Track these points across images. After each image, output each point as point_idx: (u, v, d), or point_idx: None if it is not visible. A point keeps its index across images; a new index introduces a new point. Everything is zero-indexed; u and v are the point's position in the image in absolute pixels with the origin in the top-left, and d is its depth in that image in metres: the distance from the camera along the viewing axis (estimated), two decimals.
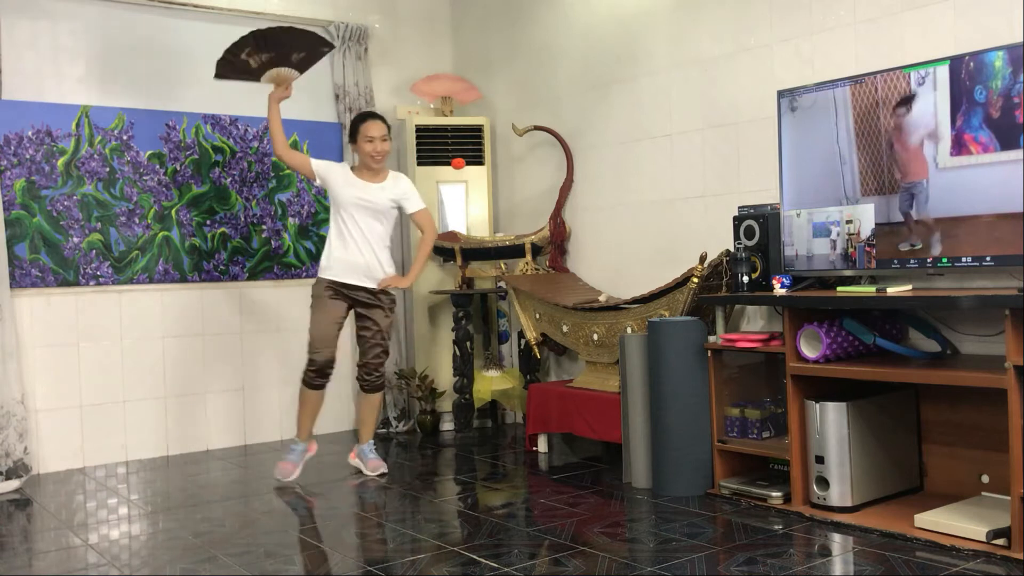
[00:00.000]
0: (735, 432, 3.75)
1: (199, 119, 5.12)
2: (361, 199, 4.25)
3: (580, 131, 5.12)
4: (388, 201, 4.30)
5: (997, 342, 3.22)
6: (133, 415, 4.90)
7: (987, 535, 2.88)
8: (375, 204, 4.26)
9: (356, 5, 5.62)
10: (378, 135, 4.27)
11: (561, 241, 5.19)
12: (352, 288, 4.26)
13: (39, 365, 4.64)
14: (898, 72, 3.32)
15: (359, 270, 4.25)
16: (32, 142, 4.65)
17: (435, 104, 5.73)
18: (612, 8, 4.89)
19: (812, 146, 3.61)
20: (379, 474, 4.32)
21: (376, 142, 4.27)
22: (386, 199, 4.29)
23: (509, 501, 3.92)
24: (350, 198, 4.25)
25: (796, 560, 2.88)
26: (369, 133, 4.27)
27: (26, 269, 4.61)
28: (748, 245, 3.79)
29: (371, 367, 4.32)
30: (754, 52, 4.16)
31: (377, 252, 4.27)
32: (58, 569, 3.12)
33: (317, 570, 3.04)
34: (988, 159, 3.08)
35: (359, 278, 4.25)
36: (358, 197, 4.25)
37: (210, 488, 4.22)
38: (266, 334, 5.30)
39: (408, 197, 4.35)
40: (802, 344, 3.42)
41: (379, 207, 4.27)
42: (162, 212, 5.00)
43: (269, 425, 5.29)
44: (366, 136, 4.28)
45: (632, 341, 3.93)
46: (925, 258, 3.26)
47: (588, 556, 2.99)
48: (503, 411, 5.62)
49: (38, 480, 4.49)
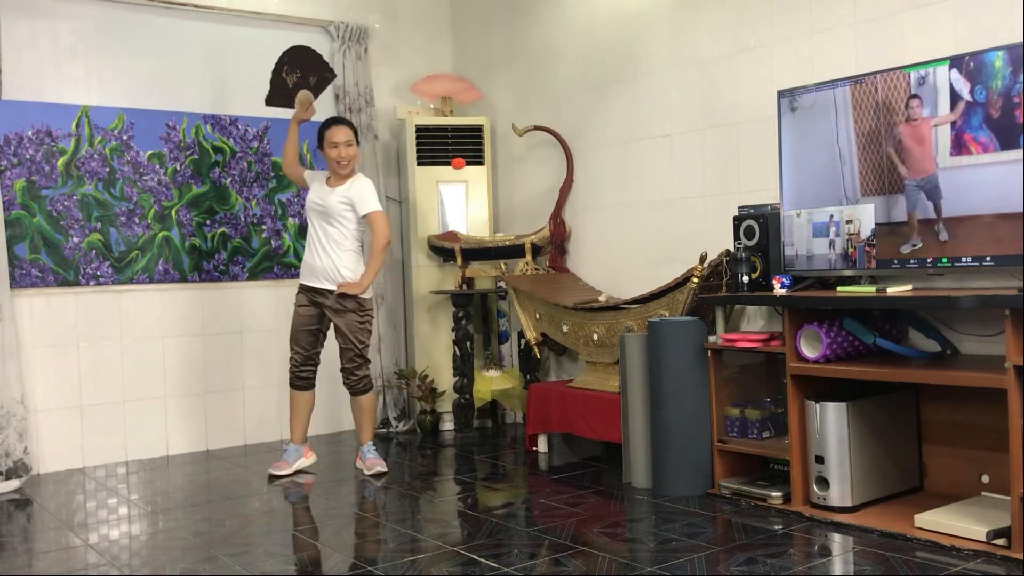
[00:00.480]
0: (735, 432, 3.75)
1: (199, 119, 5.12)
2: (313, 203, 4.38)
3: (580, 131, 5.12)
4: (338, 204, 4.31)
5: (997, 342, 3.22)
6: (133, 415, 4.90)
7: (987, 535, 2.88)
8: (324, 206, 4.33)
9: (356, 5, 5.62)
10: (342, 140, 4.33)
11: (561, 241, 5.19)
12: (317, 292, 4.35)
13: (39, 365, 4.64)
14: (898, 72, 3.32)
15: (316, 273, 4.35)
16: (32, 142, 4.65)
17: (435, 104, 5.73)
18: (612, 8, 4.89)
19: (812, 146, 3.61)
20: (374, 473, 4.32)
21: (340, 147, 4.33)
22: (335, 201, 4.31)
23: (509, 501, 3.92)
24: (308, 203, 4.42)
25: (796, 560, 2.88)
26: (333, 139, 4.34)
27: (26, 269, 4.61)
28: (748, 245, 3.79)
29: (347, 372, 4.39)
30: (754, 52, 4.16)
31: (332, 256, 4.31)
32: (58, 569, 3.12)
33: (316, 570, 3.04)
34: (988, 159, 3.08)
35: (318, 281, 4.34)
36: (312, 201, 4.39)
37: (210, 488, 4.22)
38: (266, 334, 5.30)
39: (361, 199, 4.32)
40: (802, 344, 3.42)
41: (329, 209, 4.32)
42: (162, 212, 5.00)
43: (269, 425, 5.29)
44: (331, 142, 4.35)
45: (632, 341, 3.93)
46: (925, 258, 3.26)
47: (588, 556, 2.99)
48: (503, 411, 5.62)
49: (38, 480, 4.49)
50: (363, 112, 5.47)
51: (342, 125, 4.38)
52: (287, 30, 5.40)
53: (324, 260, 4.32)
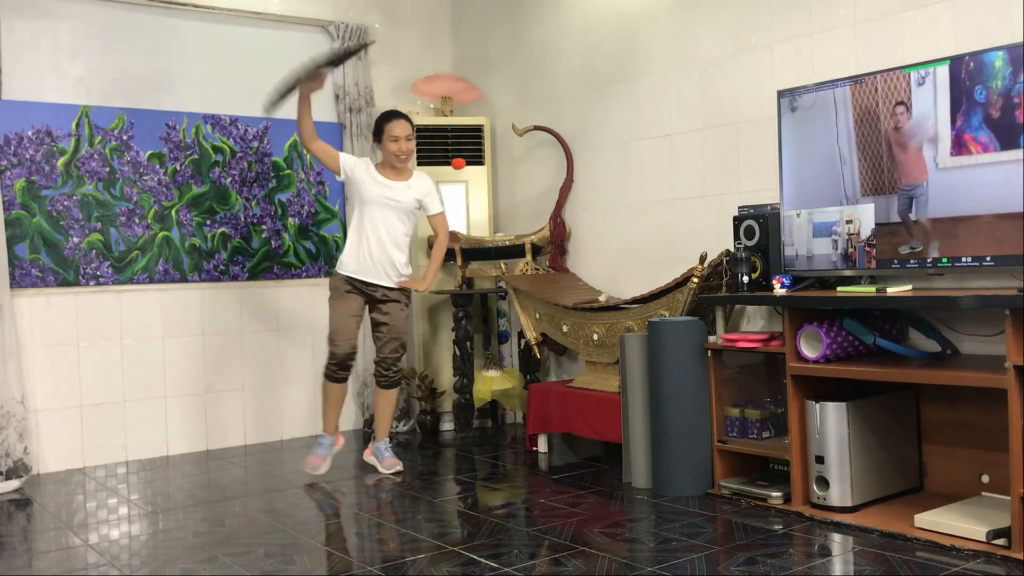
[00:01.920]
0: (735, 432, 3.75)
1: (199, 119, 5.12)
2: (388, 197, 4.26)
3: (580, 131, 5.12)
4: (412, 200, 4.32)
5: (997, 342, 3.22)
6: (133, 415, 4.90)
7: (987, 535, 2.88)
8: (401, 203, 4.28)
9: (356, 5, 5.62)
10: (403, 134, 4.29)
11: (561, 241, 5.19)
12: (367, 285, 4.28)
13: (39, 365, 4.64)
14: (898, 72, 3.32)
15: (374, 269, 4.25)
16: (32, 142, 4.65)
17: (435, 104, 5.73)
18: (612, 8, 4.89)
19: (812, 146, 3.61)
20: (394, 472, 4.32)
21: (401, 142, 4.28)
22: (411, 198, 4.31)
23: (509, 501, 3.92)
24: (376, 196, 4.26)
25: (796, 560, 2.88)
26: (394, 132, 4.29)
27: (26, 269, 4.61)
28: (748, 245, 3.79)
29: (388, 362, 4.33)
30: (754, 52, 4.16)
31: (392, 252, 4.26)
32: (58, 569, 3.12)
33: (317, 570, 3.04)
34: (988, 159, 3.08)
35: (374, 276, 4.26)
36: (385, 196, 4.27)
37: (210, 488, 4.22)
38: (266, 334, 5.30)
39: (431, 197, 4.37)
40: (802, 344, 3.42)
41: (404, 206, 4.29)
42: (162, 212, 5.00)
43: (269, 425, 5.29)
44: (391, 135, 4.29)
45: (632, 341, 3.93)
46: (925, 258, 3.26)
47: (588, 556, 2.99)
48: (503, 411, 5.62)
49: (38, 480, 4.49)
50: (363, 112, 5.47)
51: (402, 119, 4.32)
52: (287, 30, 5.41)
53: (384, 256, 4.23)
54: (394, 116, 4.35)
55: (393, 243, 4.27)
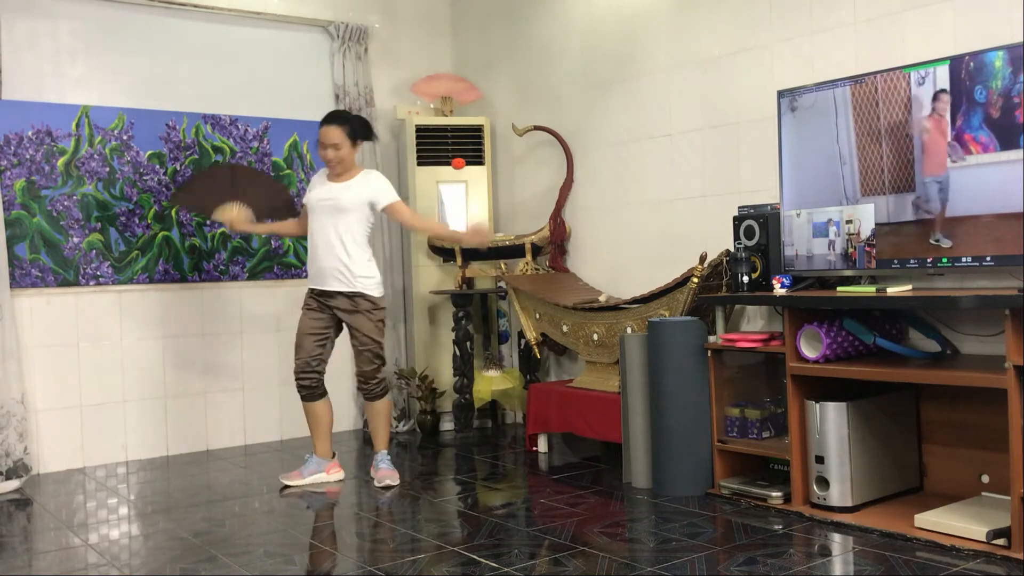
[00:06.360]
0: (735, 432, 3.75)
1: (199, 119, 5.12)
2: (324, 199, 4.10)
3: (580, 131, 5.12)
4: (354, 199, 4.08)
5: (997, 342, 3.21)
6: (133, 415, 4.90)
7: (987, 535, 2.88)
8: (338, 202, 4.07)
9: (356, 5, 5.62)
10: (329, 142, 4.06)
11: (561, 241, 5.19)
12: (328, 295, 4.11)
13: (39, 365, 4.64)
14: (898, 72, 3.32)
15: (326, 274, 4.08)
16: (32, 142, 4.65)
17: (435, 104, 5.73)
18: (612, 8, 4.89)
19: (812, 146, 3.61)
20: (383, 486, 4.08)
21: (328, 150, 4.07)
22: (351, 197, 4.08)
23: (509, 501, 3.92)
24: (315, 202, 4.12)
25: (796, 560, 2.88)
26: (320, 139, 4.10)
27: (26, 269, 4.61)
28: (748, 245, 3.79)
29: (365, 375, 4.15)
30: (754, 52, 4.16)
31: (340, 255, 4.04)
32: (58, 569, 3.12)
33: (317, 570, 3.04)
34: (988, 159, 3.08)
35: (326, 283, 4.08)
36: (321, 199, 4.11)
37: (210, 488, 4.22)
38: (266, 334, 5.30)
39: (378, 191, 4.13)
40: (802, 344, 3.42)
41: (343, 205, 4.06)
42: (162, 212, 5.00)
43: (269, 425, 5.29)
44: (320, 143, 4.12)
45: (632, 341, 3.93)
46: (925, 258, 3.26)
47: (588, 556, 2.99)
48: (503, 411, 5.62)
49: (38, 480, 4.49)
50: (363, 112, 5.47)
51: (331, 125, 4.08)
52: (287, 30, 5.41)
53: (332, 260, 4.05)
54: (324, 122, 4.12)
55: (341, 246, 4.04)
